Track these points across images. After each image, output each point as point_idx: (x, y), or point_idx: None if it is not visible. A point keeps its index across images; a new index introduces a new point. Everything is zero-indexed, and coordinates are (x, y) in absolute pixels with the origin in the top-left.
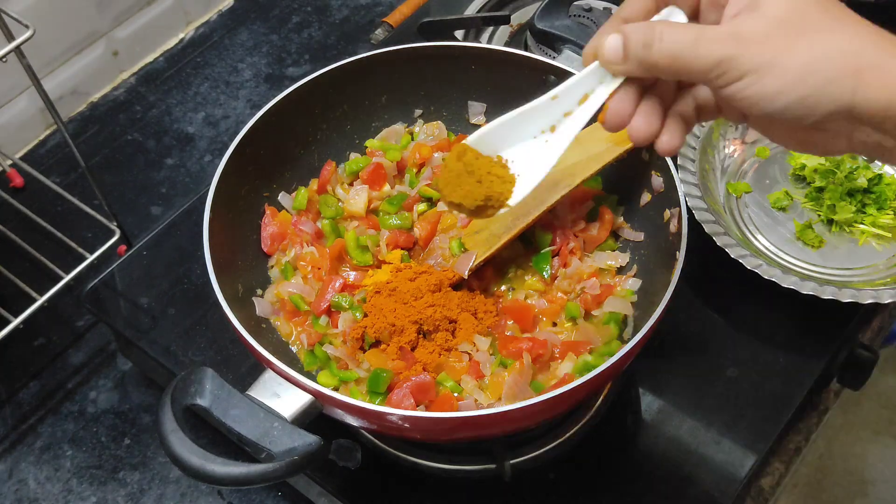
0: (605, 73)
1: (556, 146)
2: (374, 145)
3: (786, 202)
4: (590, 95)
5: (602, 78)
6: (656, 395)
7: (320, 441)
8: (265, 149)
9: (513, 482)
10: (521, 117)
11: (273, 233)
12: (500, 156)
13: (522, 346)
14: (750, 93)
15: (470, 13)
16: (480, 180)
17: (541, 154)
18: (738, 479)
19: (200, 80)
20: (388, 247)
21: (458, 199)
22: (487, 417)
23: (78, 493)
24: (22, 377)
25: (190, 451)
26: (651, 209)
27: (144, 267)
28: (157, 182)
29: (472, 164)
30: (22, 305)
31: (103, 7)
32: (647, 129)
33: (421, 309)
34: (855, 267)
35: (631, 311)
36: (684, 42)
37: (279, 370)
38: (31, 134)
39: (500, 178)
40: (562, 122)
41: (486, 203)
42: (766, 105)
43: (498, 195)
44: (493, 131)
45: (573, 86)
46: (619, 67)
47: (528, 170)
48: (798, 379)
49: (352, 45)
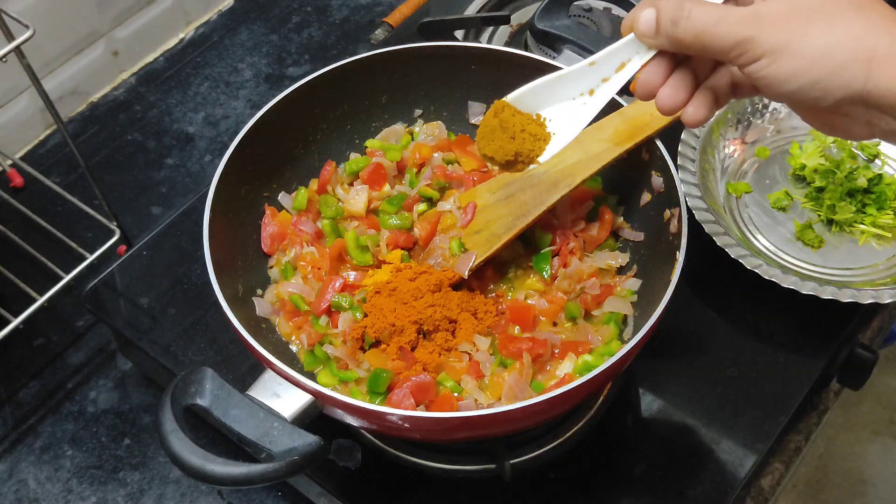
0: (640, 44)
1: (592, 107)
2: (374, 145)
3: (786, 202)
4: (626, 64)
5: (638, 49)
6: (656, 395)
7: (320, 441)
8: (265, 149)
9: (513, 482)
10: (561, 80)
11: (273, 233)
12: (538, 114)
13: (522, 346)
14: (766, 73)
15: (470, 13)
16: (514, 137)
17: (577, 114)
18: (738, 479)
19: (200, 80)
20: (388, 247)
21: (490, 153)
22: (487, 417)
23: (78, 493)
24: (22, 377)
25: (190, 451)
26: (651, 209)
27: (144, 267)
28: (157, 182)
29: (507, 121)
30: (22, 305)
31: (103, 7)
32: (673, 100)
33: (421, 309)
34: (855, 267)
35: (631, 311)
36: (708, 21)
37: (279, 370)
38: (31, 134)
39: (533, 135)
40: (600, 86)
41: (516, 158)
42: (781, 86)
43: (528, 152)
44: (532, 91)
45: (610, 54)
46: (651, 41)
47: (564, 128)
48: (798, 379)
49: (352, 45)
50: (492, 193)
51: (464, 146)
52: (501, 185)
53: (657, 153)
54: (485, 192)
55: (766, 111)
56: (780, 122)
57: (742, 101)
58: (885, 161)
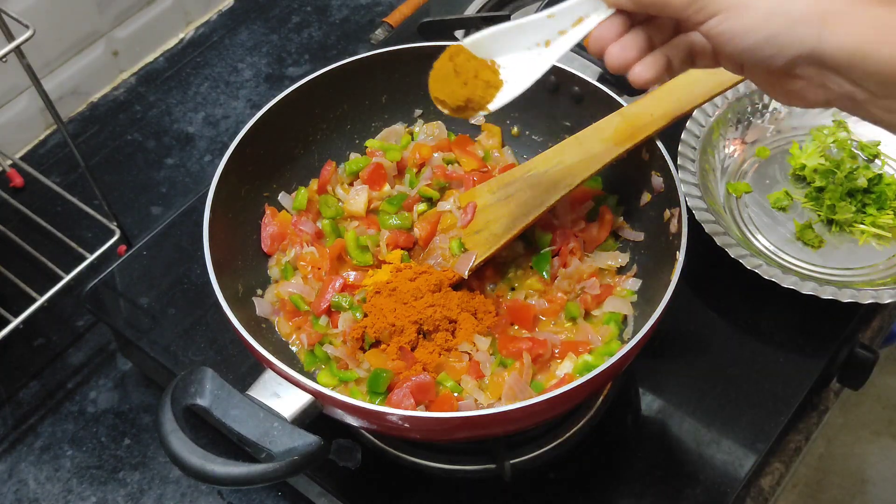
0: (599, 2)
1: (546, 59)
2: (374, 145)
3: (786, 202)
4: (584, 19)
5: (597, 6)
6: (656, 395)
7: (320, 441)
8: (265, 149)
9: (513, 482)
10: (519, 29)
11: (273, 233)
12: (493, 60)
13: (522, 346)
14: (721, 29)
15: (470, 13)
16: (466, 82)
17: (531, 64)
18: (738, 479)
19: (200, 80)
20: (388, 247)
21: (442, 97)
22: (487, 417)
23: (78, 493)
24: (22, 377)
25: (190, 451)
26: (651, 209)
27: (144, 267)
28: (157, 182)
29: (461, 66)
30: (22, 305)
31: (103, 7)
32: (620, 58)
33: (421, 309)
34: (855, 267)
35: (631, 311)
36: None
37: (279, 370)
38: (31, 134)
39: (485, 82)
40: (556, 39)
41: (466, 104)
42: (736, 42)
43: (479, 99)
44: (490, 36)
45: (569, 8)
46: (614, 0)
47: (516, 77)
48: (798, 379)
49: (352, 45)
50: (492, 193)
51: (464, 146)
52: (501, 185)
53: (657, 153)
54: (485, 192)
55: (766, 111)
56: (781, 122)
57: (742, 101)
58: (885, 161)
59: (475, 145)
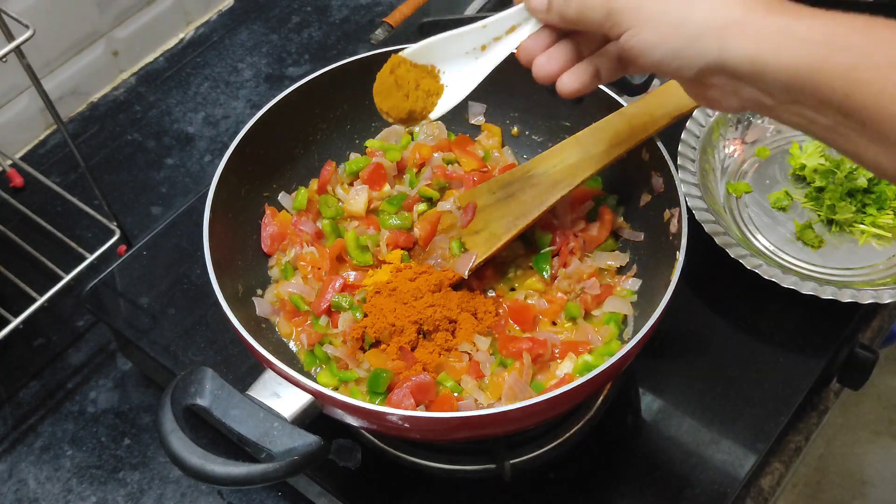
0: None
1: (483, 64)
2: (374, 145)
3: (786, 202)
4: (517, 28)
5: (528, 17)
6: (656, 395)
7: (320, 441)
8: (265, 149)
9: (513, 482)
10: (454, 38)
11: (273, 233)
12: (433, 65)
13: (522, 346)
14: (633, 43)
15: (470, 13)
16: (408, 95)
17: (470, 69)
18: (738, 479)
19: (200, 80)
20: (388, 247)
21: (385, 109)
22: (487, 417)
23: (78, 493)
24: (22, 377)
25: (190, 451)
26: (651, 209)
27: (144, 267)
28: (157, 182)
29: (402, 78)
30: (22, 305)
31: (103, 7)
32: (545, 69)
33: (421, 309)
34: (855, 267)
35: (631, 311)
36: None
37: (279, 370)
38: (31, 134)
39: (426, 91)
40: (491, 45)
41: (409, 116)
42: (646, 56)
43: (421, 109)
44: (428, 45)
45: (501, 19)
46: (542, 17)
47: (457, 82)
48: (798, 379)
49: (352, 45)
50: (492, 193)
51: (464, 146)
52: (501, 185)
53: (657, 153)
54: (485, 192)
55: None
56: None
57: None
58: None
59: (475, 145)
